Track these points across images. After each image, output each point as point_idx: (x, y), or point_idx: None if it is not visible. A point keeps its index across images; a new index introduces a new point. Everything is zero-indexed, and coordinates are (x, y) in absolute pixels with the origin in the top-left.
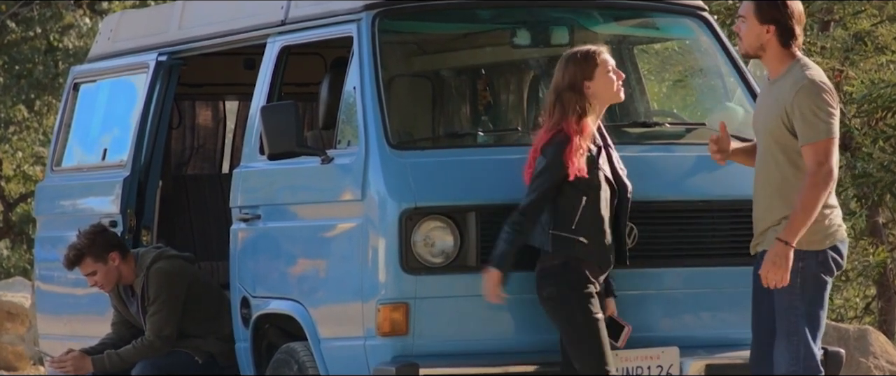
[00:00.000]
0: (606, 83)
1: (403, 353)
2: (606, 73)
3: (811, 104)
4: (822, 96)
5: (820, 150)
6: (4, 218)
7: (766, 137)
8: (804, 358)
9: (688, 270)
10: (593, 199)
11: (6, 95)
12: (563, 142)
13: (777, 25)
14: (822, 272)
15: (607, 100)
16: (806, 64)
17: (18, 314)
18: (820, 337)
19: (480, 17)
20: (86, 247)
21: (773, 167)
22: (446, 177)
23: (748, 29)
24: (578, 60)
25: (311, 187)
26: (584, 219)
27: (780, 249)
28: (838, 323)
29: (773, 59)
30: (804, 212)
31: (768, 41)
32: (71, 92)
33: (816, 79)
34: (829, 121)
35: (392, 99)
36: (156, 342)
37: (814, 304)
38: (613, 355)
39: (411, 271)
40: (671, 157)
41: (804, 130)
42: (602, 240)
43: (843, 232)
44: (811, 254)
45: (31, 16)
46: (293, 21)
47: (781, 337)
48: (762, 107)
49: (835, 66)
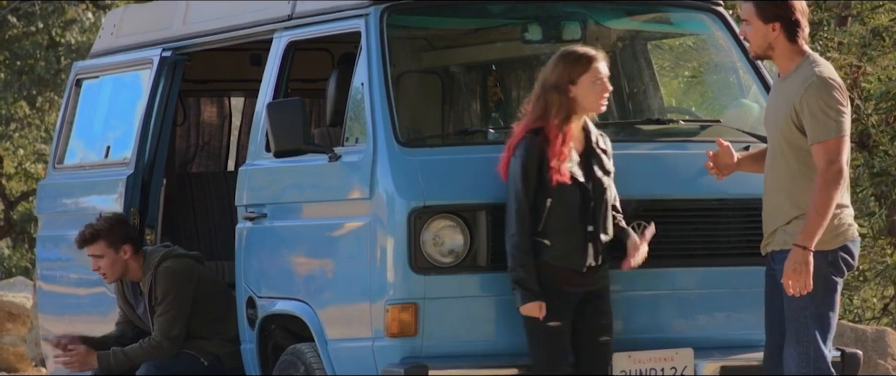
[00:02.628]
0: (589, 92)
1: (412, 354)
2: (593, 82)
3: (820, 101)
4: (832, 93)
5: (830, 149)
6: (6, 216)
7: (776, 135)
8: (814, 361)
9: (702, 270)
10: (558, 202)
11: (7, 92)
12: (531, 146)
13: (782, 22)
14: (832, 273)
15: (586, 110)
16: (815, 60)
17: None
18: (830, 338)
19: (491, 12)
20: (104, 230)
21: (783, 166)
22: (456, 175)
23: (754, 31)
24: (569, 61)
25: (318, 185)
26: (550, 221)
27: (799, 256)
28: (856, 324)
29: (782, 56)
30: (818, 215)
31: (776, 39)
32: (73, 88)
33: (826, 75)
34: (838, 119)
35: (400, 95)
36: (163, 343)
37: (823, 306)
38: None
39: (420, 271)
40: (685, 155)
41: (813, 128)
42: (570, 242)
43: (854, 230)
44: (820, 255)
45: (33, 10)
46: (300, 16)
47: (791, 340)
48: (773, 105)
49: (852, 62)
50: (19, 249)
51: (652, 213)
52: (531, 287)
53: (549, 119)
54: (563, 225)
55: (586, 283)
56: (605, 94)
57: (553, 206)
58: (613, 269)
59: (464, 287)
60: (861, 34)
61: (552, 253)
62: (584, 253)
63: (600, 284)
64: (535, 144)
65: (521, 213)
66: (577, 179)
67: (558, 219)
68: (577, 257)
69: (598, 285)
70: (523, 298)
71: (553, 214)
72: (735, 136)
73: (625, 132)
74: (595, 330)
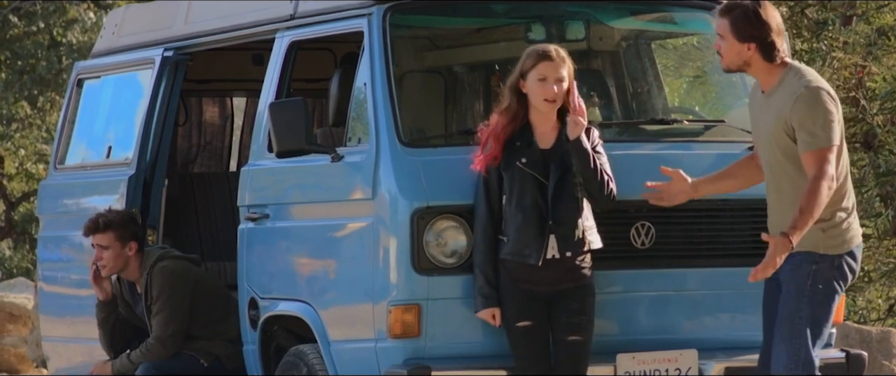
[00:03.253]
0: (534, 88)
1: (415, 356)
2: (537, 79)
3: (810, 113)
4: (822, 103)
5: (821, 158)
6: (7, 217)
7: (772, 151)
8: (803, 362)
9: (706, 271)
10: (512, 197)
11: (8, 91)
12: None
13: (758, 43)
14: (834, 278)
15: (535, 107)
16: (798, 71)
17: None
18: (820, 343)
19: (494, 12)
20: (116, 223)
21: (784, 179)
22: (459, 175)
23: (728, 47)
24: (524, 57)
25: (320, 186)
26: (508, 217)
27: (781, 245)
28: (861, 325)
29: (760, 72)
30: (807, 215)
31: (750, 58)
32: (75, 88)
33: (813, 85)
34: (829, 129)
35: (403, 95)
36: (158, 344)
37: (819, 309)
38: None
39: (423, 272)
40: (690, 155)
41: (804, 139)
42: (523, 236)
43: (859, 236)
44: (827, 258)
45: (35, 10)
46: (302, 15)
47: (783, 339)
48: (761, 122)
49: (857, 61)
50: (20, 250)
51: (655, 214)
52: (485, 292)
53: (498, 111)
54: (517, 220)
55: (551, 281)
56: (548, 93)
57: (509, 202)
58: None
59: (467, 287)
60: (866, 33)
61: (508, 248)
62: (539, 247)
63: (571, 283)
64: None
65: (479, 214)
66: (532, 174)
67: (513, 214)
68: (530, 251)
69: (568, 283)
70: (478, 304)
71: (510, 210)
72: (740, 136)
73: (629, 132)
74: (564, 329)
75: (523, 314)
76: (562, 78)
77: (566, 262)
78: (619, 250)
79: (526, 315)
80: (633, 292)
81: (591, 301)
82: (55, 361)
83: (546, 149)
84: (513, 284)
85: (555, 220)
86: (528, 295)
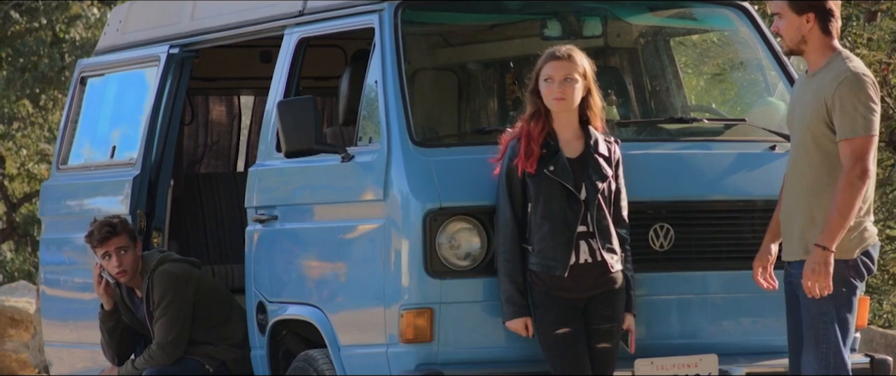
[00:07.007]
0: (543, 90)
1: (427, 361)
2: (544, 79)
3: (853, 97)
4: (865, 90)
5: (857, 147)
6: (8, 219)
7: (802, 133)
8: (834, 366)
9: (727, 273)
10: (539, 206)
11: (10, 90)
12: (513, 152)
13: (816, 11)
14: (852, 277)
15: (548, 107)
16: (847, 56)
17: (22, 320)
18: (849, 343)
19: (509, 8)
20: (124, 223)
21: (806, 166)
22: (473, 175)
23: (787, 24)
24: (540, 59)
25: (330, 186)
26: (534, 226)
27: (819, 256)
28: (886, 330)
29: (814, 51)
30: (840, 216)
31: (809, 31)
32: (78, 86)
33: (859, 71)
34: (869, 117)
35: (415, 93)
36: (160, 350)
37: (843, 309)
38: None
39: (436, 275)
40: (710, 155)
41: (843, 124)
42: (550, 246)
43: (875, 235)
44: (842, 260)
45: (37, 6)
46: (312, 12)
47: (810, 345)
48: (799, 102)
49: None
50: (22, 252)
51: (675, 215)
52: (516, 301)
53: (524, 116)
54: (545, 229)
55: (585, 288)
56: (553, 92)
57: (535, 211)
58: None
59: (481, 291)
60: (891, 29)
61: (535, 258)
62: (566, 257)
63: (603, 288)
64: (517, 150)
65: (504, 220)
66: (560, 182)
67: (539, 223)
68: (556, 262)
69: (601, 289)
70: (508, 314)
71: (536, 219)
72: (761, 136)
73: (647, 131)
74: (593, 335)
75: (562, 321)
76: (569, 77)
77: (598, 267)
78: (638, 252)
79: (565, 322)
80: (652, 295)
81: (621, 307)
82: (58, 367)
83: (573, 158)
84: (546, 293)
85: (586, 228)
86: (566, 303)
